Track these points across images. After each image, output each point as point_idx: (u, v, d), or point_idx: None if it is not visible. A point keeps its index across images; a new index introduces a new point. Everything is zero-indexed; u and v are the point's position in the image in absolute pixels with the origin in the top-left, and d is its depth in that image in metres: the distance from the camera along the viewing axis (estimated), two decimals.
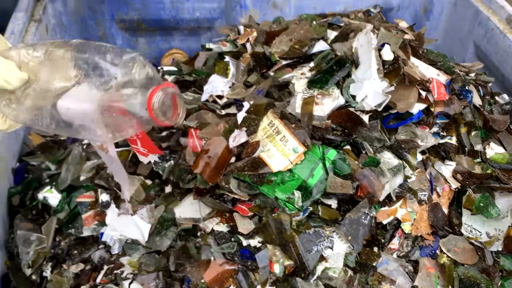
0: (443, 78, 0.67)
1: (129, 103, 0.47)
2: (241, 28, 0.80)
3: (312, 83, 0.63)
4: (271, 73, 0.70)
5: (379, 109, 0.61)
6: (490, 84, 0.82)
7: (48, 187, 0.73)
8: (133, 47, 1.24)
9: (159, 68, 0.84)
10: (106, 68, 0.48)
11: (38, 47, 0.50)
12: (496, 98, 0.87)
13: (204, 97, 0.71)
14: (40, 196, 0.73)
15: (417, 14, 1.31)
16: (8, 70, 0.47)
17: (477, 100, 0.75)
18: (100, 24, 1.20)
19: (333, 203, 0.62)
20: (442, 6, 1.26)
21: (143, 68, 0.48)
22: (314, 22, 0.75)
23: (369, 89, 0.61)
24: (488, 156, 0.70)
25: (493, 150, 0.70)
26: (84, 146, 0.78)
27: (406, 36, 0.72)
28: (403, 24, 0.77)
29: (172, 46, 1.25)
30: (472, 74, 0.82)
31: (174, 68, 0.82)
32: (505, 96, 0.92)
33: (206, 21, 1.21)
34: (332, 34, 0.71)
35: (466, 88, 0.74)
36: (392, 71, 0.63)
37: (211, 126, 0.64)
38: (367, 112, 0.62)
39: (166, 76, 0.80)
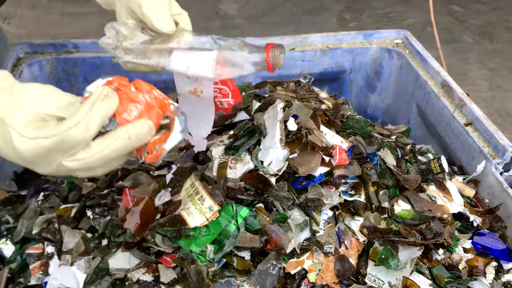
0: (345, 144, 0.76)
1: (242, 54, 0.62)
2: None
3: (227, 150, 0.73)
4: None
5: (279, 174, 0.70)
6: (409, 146, 0.92)
7: (4, 239, 0.82)
8: None
9: None
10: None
11: None
12: (419, 157, 0.96)
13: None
14: None
15: (368, 76, 1.42)
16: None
17: (391, 161, 0.84)
18: (74, 85, 1.31)
19: (246, 255, 0.69)
20: (390, 70, 1.37)
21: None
22: (243, 93, 0.85)
23: (273, 156, 0.70)
24: (395, 212, 0.78)
25: (400, 207, 0.79)
26: (39, 202, 0.86)
27: (323, 106, 0.81)
28: (323, 95, 0.87)
29: None
30: (393, 137, 0.91)
31: None
32: (430, 155, 1.01)
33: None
34: (256, 105, 0.81)
35: (381, 151, 0.83)
36: (295, 139, 0.72)
37: (143, 186, 0.73)
38: (274, 175, 0.71)
39: None
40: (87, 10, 2.69)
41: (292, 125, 0.73)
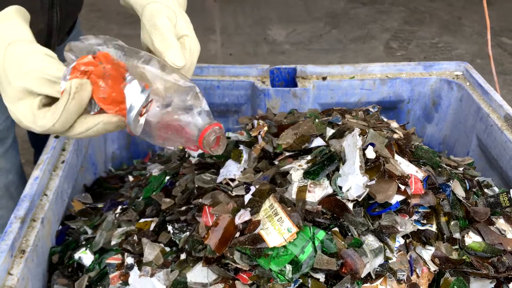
0: (420, 174, 0.78)
1: (184, 124, 0.57)
2: (255, 122, 0.94)
3: (306, 174, 0.76)
4: (276, 162, 0.83)
5: (359, 200, 0.72)
6: (477, 178, 0.92)
7: (83, 249, 0.86)
8: None
9: (186, 150, 0.98)
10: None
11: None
12: (486, 190, 0.96)
13: (219, 179, 0.84)
14: (76, 256, 0.85)
15: (426, 106, 1.43)
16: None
17: (460, 193, 0.85)
18: None
19: (321, 277, 0.71)
20: (450, 101, 1.38)
21: (197, 99, 0.58)
22: (316, 120, 0.88)
23: (352, 182, 0.72)
24: (466, 244, 0.78)
25: (471, 239, 0.79)
26: (117, 215, 0.91)
27: (395, 136, 0.83)
28: (394, 124, 0.89)
29: None
30: (460, 169, 0.92)
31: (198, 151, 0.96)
32: (495, 188, 1.01)
33: (233, 105, 1.37)
34: (330, 132, 0.84)
35: (450, 182, 0.84)
36: (374, 167, 0.75)
37: (222, 205, 0.77)
38: (352, 201, 0.73)
39: (191, 158, 0.94)
40: None
41: (370, 153, 0.75)
